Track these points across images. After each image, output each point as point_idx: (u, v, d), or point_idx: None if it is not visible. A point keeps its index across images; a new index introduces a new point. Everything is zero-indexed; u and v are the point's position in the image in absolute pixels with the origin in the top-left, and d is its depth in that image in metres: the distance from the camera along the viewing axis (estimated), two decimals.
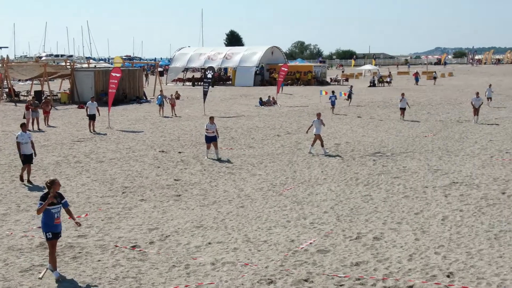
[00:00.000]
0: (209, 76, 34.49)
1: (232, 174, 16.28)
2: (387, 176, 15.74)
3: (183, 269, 9.16)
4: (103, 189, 14.59)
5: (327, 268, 9.13)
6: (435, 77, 62.19)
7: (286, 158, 18.60)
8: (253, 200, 13.39)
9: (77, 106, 36.69)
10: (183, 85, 62.75)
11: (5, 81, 41.95)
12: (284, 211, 12.42)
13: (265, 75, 63.52)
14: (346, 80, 65.28)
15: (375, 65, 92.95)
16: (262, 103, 37.88)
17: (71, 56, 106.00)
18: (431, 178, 15.50)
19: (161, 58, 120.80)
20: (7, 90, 42.12)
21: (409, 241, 10.34)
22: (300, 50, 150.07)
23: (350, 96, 37.35)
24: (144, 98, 42.44)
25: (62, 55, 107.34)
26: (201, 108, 33.89)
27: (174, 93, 39.18)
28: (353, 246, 10.11)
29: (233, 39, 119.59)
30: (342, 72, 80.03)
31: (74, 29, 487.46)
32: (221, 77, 66.61)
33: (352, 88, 40.24)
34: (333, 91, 34.51)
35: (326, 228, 11.20)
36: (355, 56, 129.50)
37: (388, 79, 61.81)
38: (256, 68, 61.66)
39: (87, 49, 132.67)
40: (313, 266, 9.20)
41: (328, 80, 64.30)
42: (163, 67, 78.98)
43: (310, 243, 10.27)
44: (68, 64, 47.23)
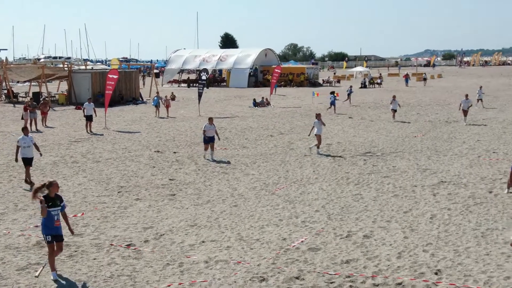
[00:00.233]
0: (203, 77, 34.81)
1: (226, 174, 16.46)
2: (377, 176, 15.95)
3: (177, 267, 9.28)
4: (99, 189, 14.74)
5: (318, 265, 9.25)
6: (425, 79, 62.73)
7: (279, 158, 18.81)
8: (246, 199, 13.56)
9: (74, 107, 36.85)
10: (178, 86, 62.91)
11: (4, 83, 42.24)
12: (276, 210, 12.59)
13: (258, 76, 63.85)
14: (338, 82, 65.83)
15: (366, 67, 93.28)
16: (255, 104, 38.13)
17: (69, 58, 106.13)
18: (420, 177, 15.71)
19: (157, 60, 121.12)
20: (5, 91, 42.42)
21: (398, 239, 10.49)
22: (293, 52, 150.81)
23: (350, 95, 38.35)
24: (140, 99, 42.57)
25: (60, 57, 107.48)
26: (196, 109, 34.11)
27: (169, 95, 39.38)
28: (344, 244, 10.26)
29: (228, 42, 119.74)
30: (334, 74, 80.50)
31: (72, 32, 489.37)
32: (216, 79, 67.03)
33: (352, 87, 40.87)
34: (333, 92, 35.01)
35: (317, 226, 11.36)
36: (346, 58, 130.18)
37: (379, 80, 62.46)
38: (250, 70, 61.99)
39: (84, 51, 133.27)
40: (304, 264, 9.33)
41: (321, 81, 64.89)
42: (159, 68, 79.17)
43: (302, 241, 10.41)
44: (65, 66, 47.39)
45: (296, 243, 10.37)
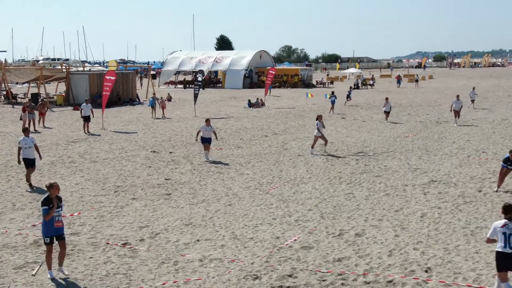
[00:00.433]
0: (199, 79, 35.03)
1: (221, 174, 16.61)
2: (369, 175, 16.14)
3: (172, 265, 9.39)
4: (96, 188, 14.87)
5: (310, 264, 9.38)
6: (417, 80, 63.17)
7: (273, 158, 18.98)
8: (241, 199, 13.71)
9: (72, 108, 36.96)
10: (175, 87, 62.94)
11: (3, 84, 42.32)
12: (270, 209, 12.74)
13: (253, 78, 64.11)
14: (331, 83, 66.17)
15: (359, 68, 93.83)
16: (250, 104, 38.32)
17: (67, 60, 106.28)
18: (411, 176, 15.91)
19: (154, 62, 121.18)
20: (4, 92, 42.52)
21: (389, 237, 10.64)
22: (288, 54, 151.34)
23: (349, 96, 39.00)
24: (137, 100, 42.68)
25: (58, 59, 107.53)
26: (192, 110, 34.27)
27: (165, 96, 39.53)
28: (336, 243, 10.39)
29: (223, 43, 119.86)
30: (327, 75, 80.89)
31: (70, 34, 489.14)
32: (212, 80, 67.21)
33: (351, 88, 41.35)
34: (333, 92, 35.50)
35: (310, 225, 11.51)
36: (340, 60, 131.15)
37: (371, 82, 62.83)
38: (245, 71, 62.28)
39: (83, 53, 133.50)
40: (297, 262, 9.45)
41: (314, 82, 65.20)
42: (156, 70, 79.18)
43: (295, 240, 10.55)
44: (64, 67, 47.51)
45: (289, 241, 10.50)
